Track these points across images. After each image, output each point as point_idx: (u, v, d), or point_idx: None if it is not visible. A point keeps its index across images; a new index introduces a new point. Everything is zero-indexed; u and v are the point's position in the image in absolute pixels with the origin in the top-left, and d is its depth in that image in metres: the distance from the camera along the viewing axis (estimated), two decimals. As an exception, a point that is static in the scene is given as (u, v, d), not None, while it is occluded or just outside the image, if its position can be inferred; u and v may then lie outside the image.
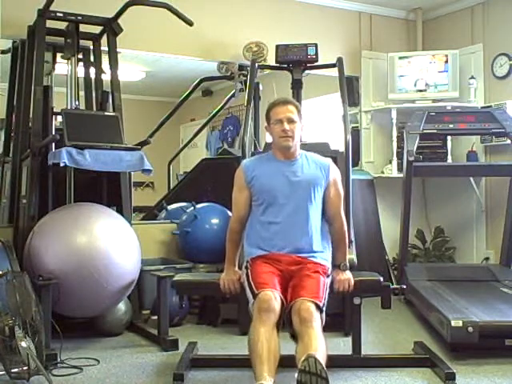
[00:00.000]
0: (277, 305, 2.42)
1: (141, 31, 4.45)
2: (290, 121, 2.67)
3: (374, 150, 5.55)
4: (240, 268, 2.82)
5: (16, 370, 2.70)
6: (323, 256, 2.74)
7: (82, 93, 4.13)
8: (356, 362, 3.04)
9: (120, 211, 3.82)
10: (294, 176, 2.71)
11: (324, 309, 2.49)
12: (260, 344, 2.30)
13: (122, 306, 3.68)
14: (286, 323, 2.48)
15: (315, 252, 2.70)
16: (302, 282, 2.54)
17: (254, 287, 2.51)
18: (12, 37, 4.10)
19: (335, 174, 2.80)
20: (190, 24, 3.89)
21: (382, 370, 2.98)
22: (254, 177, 2.73)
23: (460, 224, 5.47)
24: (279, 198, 2.68)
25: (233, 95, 5.44)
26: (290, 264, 2.64)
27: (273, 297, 2.42)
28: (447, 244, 5.46)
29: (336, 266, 2.80)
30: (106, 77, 4.05)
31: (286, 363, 2.38)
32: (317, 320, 2.38)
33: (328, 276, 2.69)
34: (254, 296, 2.46)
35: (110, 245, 3.36)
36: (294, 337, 2.43)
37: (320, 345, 2.30)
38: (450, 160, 5.27)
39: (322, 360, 2.22)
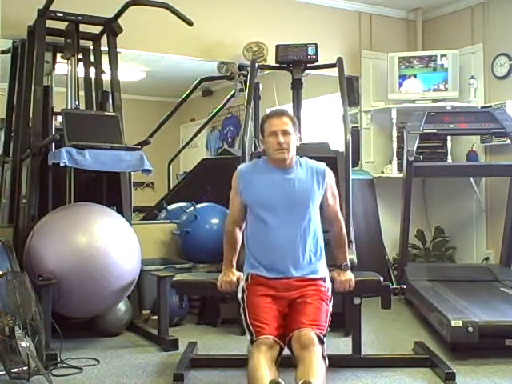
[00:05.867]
0: (275, 348, 2.34)
1: (141, 31, 4.44)
2: (285, 133, 2.58)
3: (374, 150, 5.55)
4: (239, 269, 2.79)
5: (16, 370, 2.71)
6: (320, 266, 2.67)
7: (82, 93, 4.13)
8: (356, 361, 3.05)
9: (120, 211, 3.82)
10: (290, 187, 2.62)
11: (325, 339, 2.40)
12: (260, 369, 2.20)
13: (121, 306, 3.68)
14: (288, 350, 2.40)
15: (313, 263, 2.62)
16: (303, 309, 2.46)
17: (250, 326, 2.42)
18: (12, 37, 4.10)
19: (331, 177, 2.72)
20: (190, 24, 3.89)
21: (381, 369, 2.98)
22: (249, 188, 2.66)
23: (460, 224, 5.46)
24: (275, 210, 2.59)
25: (233, 95, 5.44)
26: (289, 290, 2.55)
27: (271, 342, 2.34)
28: (447, 244, 5.46)
29: (337, 266, 2.78)
30: (106, 77, 4.05)
31: (285, 363, 2.37)
32: (318, 346, 2.30)
33: (330, 301, 2.61)
34: (252, 340, 2.38)
35: (110, 245, 3.37)
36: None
37: (319, 372, 2.20)
38: (450, 160, 5.27)
39: None
